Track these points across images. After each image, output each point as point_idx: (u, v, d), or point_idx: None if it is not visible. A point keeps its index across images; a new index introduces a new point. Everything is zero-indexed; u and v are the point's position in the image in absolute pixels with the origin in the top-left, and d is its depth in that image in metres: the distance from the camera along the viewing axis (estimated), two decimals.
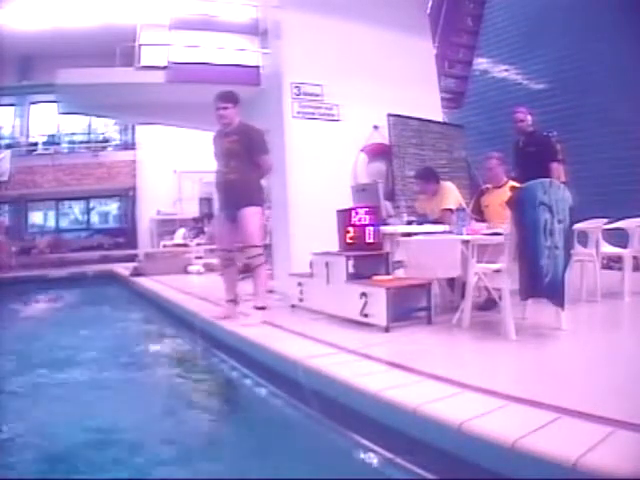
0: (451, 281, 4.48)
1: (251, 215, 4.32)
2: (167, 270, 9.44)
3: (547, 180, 3.60)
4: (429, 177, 5.12)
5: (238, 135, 4.35)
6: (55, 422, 2.94)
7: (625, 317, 4.52)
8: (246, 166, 4.31)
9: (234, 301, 4.63)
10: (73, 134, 17.22)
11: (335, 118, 6.44)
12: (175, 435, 2.78)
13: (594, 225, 4.84)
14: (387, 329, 3.78)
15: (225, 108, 4.37)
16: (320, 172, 6.08)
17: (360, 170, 6.40)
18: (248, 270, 4.47)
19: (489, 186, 4.85)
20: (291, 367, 3.11)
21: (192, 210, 13.58)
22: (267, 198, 7.49)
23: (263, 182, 4.60)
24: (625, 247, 4.98)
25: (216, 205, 4.65)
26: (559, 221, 3.48)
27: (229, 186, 4.38)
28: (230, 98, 4.40)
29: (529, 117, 5.40)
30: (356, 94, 6.39)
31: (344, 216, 4.71)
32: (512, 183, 4.53)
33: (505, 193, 4.42)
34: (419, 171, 5.42)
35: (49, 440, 2.72)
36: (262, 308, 4.42)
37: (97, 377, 3.94)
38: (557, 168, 5.03)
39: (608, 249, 5.10)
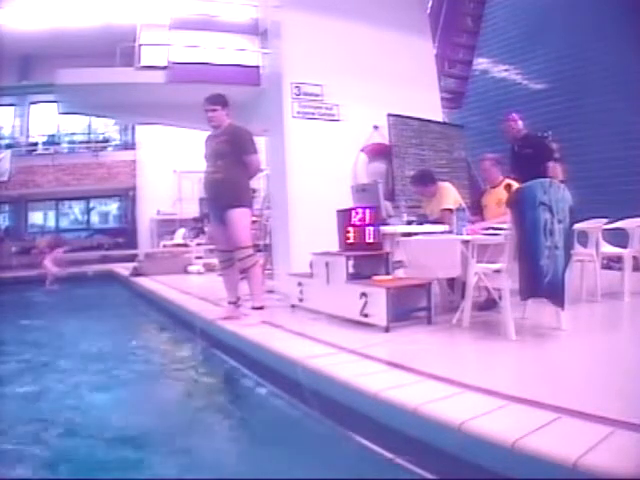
0: (451, 281, 4.48)
1: (237, 217, 4.31)
2: (167, 270, 9.44)
3: (547, 180, 3.60)
4: (425, 180, 5.12)
5: (226, 136, 4.35)
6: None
7: (625, 317, 4.52)
8: (233, 166, 4.31)
9: (235, 303, 4.62)
10: (73, 134, 17.23)
11: (335, 118, 6.44)
12: (174, 435, 2.79)
13: (594, 225, 4.84)
14: (387, 329, 3.78)
15: (213, 110, 4.38)
16: (320, 172, 6.08)
17: (360, 170, 6.40)
18: (243, 271, 4.47)
19: (488, 187, 4.86)
20: (291, 367, 3.11)
21: (192, 210, 13.56)
22: (267, 198, 7.56)
23: (256, 183, 4.58)
24: (625, 247, 4.98)
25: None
26: (559, 221, 3.48)
27: (215, 185, 4.37)
28: (218, 100, 4.40)
29: (520, 122, 5.40)
30: (356, 94, 6.39)
31: (344, 216, 4.71)
32: (508, 181, 4.53)
33: (501, 192, 4.43)
34: (414, 176, 5.41)
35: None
36: (259, 308, 4.42)
37: (98, 377, 3.95)
38: (553, 167, 5.02)
39: (608, 249, 5.09)
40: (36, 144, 16.59)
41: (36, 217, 17.17)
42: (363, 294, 3.96)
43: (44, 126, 16.84)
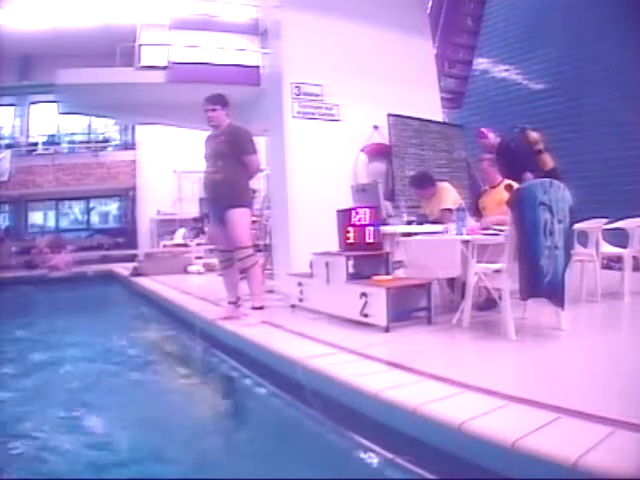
0: (451, 281, 4.48)
1: (237, 217, 4.31)
2: (167, 270, 9.44)
3: (547, 180, 3.60)
4: (423, 183, 5.12)
5: (225, 136, 4.35)
6: None
7: (625, 317, 4.52)
8: (232, 166, 4.31)
9: (235, 303, 4.62)
10: (73, 134, 17.23)
11: (335, 118, 6.44)
12: (175, 435, 2.79)
13: (594, 225, 4.84)
14: (387, 329, 3.78)
15: (213, 110, 4.38)
16: (320, 172, 6.08)
17: (360, 170, 6.40)
18: (243, 271, 4.47)
19: (486, 187, 4.86)
20: (291, 367, 3.11)
21: (192, 210, 13.58)
22: (267, 198, 7.56)
23: (256, 183, 4.57)
24: (625, 247, 4.98)
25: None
26: (559, 221, 3.48)
27: (215, 186, 4.37)
28: (218, 100, 4.41)
29: (491, 135, 5.38)
30: (356, 94, 6.39)
31: (344, 216, 4.71)
32: (507, 182, 4.52)
33: (500, 192, 4.43)
34: (413, 179, 5.41)
35: None
36: (259, 308, 4.42)
37: (95, 377, 3.95)
38: (530, 178, 4.94)
39: (608, 249, 5.09)
40: (36, 144, 16.58)
41: (36, 217, 17.17)
42: (363, 294, 3.96)
43: (44, 126, 16.83)
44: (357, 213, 4.57)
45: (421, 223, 4.77)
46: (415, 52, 7.12)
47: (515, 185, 4.29)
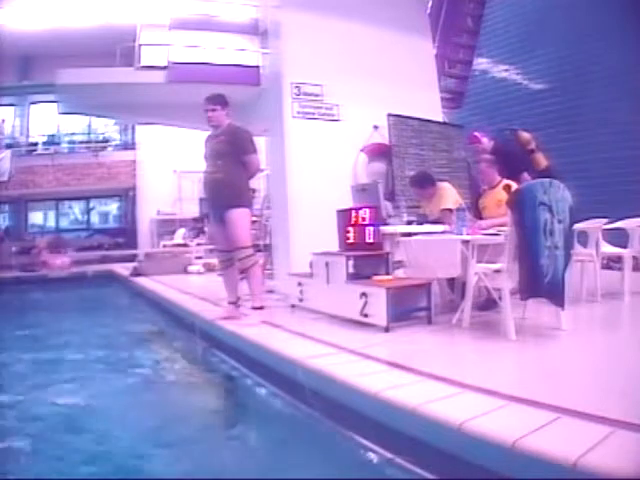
0: (451, 281, 4.48)
1: (237, 217, 4.32)
2: (167, 270, 9.44)
3: (547, 180, 3.60)
4: (424, 183, 5.12)
5: (225, 136, 4.36)
6: None
7: (625, 317, 4.52)
8: (232, 166, 4.31)
9: (235, 303, 4.62)
10: (73, 134, 17.23)
11: (335, 118, 6.44)
12: (175, 434, 2.79)
13: (594, 225, 4.84)
14: (387, 329, 3.78)
15: (213, 110, 4.39)
16: (320, 172, 6.08)
17: (360, 170, 6.40)
18: (243, 271, 4.47)
19: (485, 188, 4.86)
20: (291, 367, 3.11)
21: (192, 210, 13.59)
22: (267, 198, 7.56)
23: (256, 183, 4.57)
24: (625, 247, 4.98)
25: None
26: (559, 221, 3.48)
27: (215, 185, 4.38)
28: (218, 100, 4.42)
29: (484, 139, 5.38)
30: (356, 94, 6.39)
31: (344, 216, 4.71)
32: (506, 182, 4.52)
33: (499, 192, 4.43)
34: (413, 178, 5.40)
35: None
36: (259, 308, 4.42)
37: (96, 378, 3.95)
38: (527, 179, 4.96)
39: (608, 249, 5.09)
40: (36, 144, 16.58)
41: (36, 217, 17.17)
42: (363, 294, 3.96)
43: (44, 126, 16.83)
44: (357, 213, 4.57)
45: (421, 223, 4.77)
46: (415, 52, 7.12)
47: (513, 185, 4.29)
